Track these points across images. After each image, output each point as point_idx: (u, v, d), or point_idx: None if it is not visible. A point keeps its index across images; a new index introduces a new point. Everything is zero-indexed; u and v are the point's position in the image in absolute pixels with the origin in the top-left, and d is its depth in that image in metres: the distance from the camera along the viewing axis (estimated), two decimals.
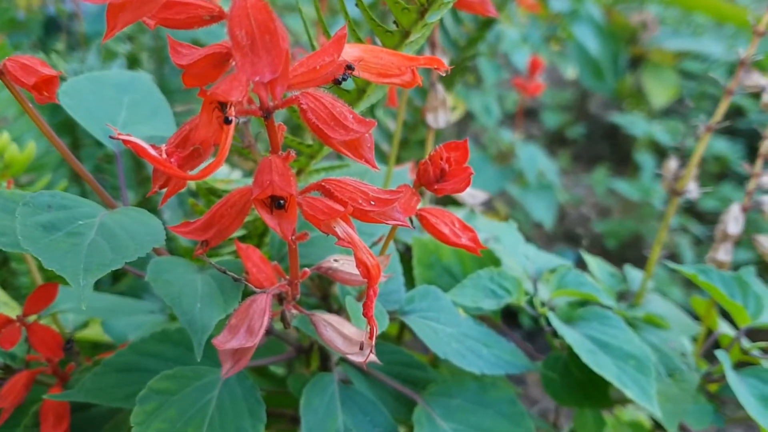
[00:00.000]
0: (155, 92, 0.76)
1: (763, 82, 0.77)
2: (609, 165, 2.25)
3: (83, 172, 0.61)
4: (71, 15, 2.36)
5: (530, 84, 1.75)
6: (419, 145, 1.46)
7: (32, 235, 0.51)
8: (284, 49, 0.37)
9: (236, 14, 0.37)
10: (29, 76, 0.55)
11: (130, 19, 0.39)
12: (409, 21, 0.59)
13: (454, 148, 0.56)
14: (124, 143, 0.41)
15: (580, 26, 2.14)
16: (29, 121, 1.29)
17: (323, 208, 0.47)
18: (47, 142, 1.30)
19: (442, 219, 0.57)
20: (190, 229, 0.51)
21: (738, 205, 0.81)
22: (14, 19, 2.32)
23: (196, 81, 0.46)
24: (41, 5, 2.52)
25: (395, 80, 0.51)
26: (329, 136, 0.44)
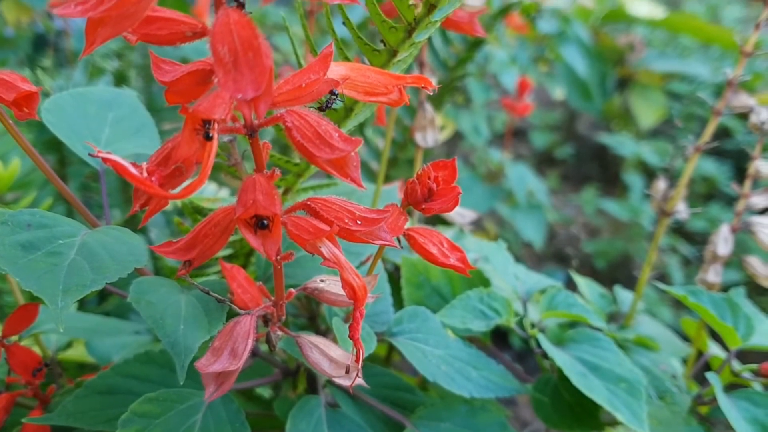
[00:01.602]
0: (140, 109, 0.75)
1: (750, 102, 0.77)
2: (598, 185, 2.26)
3: (65, 190, 0.60)
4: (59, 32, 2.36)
5: (519, 104, 1.76)
6: (408, 164, 1.45)
7: (10, 255, 0.50)
8: (268, 66, 0.36)
9: (219, 30, 0.37)
10: (8, 91, 0.54)
11: (110, 35, 0.38)
12: (397, 40, 0.59)
13: (442, 167, 0.55)
14: (104, 161, 0.40)
15: (568, 48, 2.15)
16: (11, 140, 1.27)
17: (308, 227, 0.47)
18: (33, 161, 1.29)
19: (430, 239, 0.56)
20: (173, 249, 0.50)
21: (727, 226, 0.80)
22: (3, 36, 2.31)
23: (179, 98, 0.45)
24: (30, 22, 2.51)
25: (382, 99, 0.50)
26: (314, 154, 0.43)
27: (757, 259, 0.79)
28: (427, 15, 0.56)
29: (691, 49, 2.63)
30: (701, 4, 3.12)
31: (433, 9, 0.55)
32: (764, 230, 0.76)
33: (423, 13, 0.56)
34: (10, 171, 1.06)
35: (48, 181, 1.32)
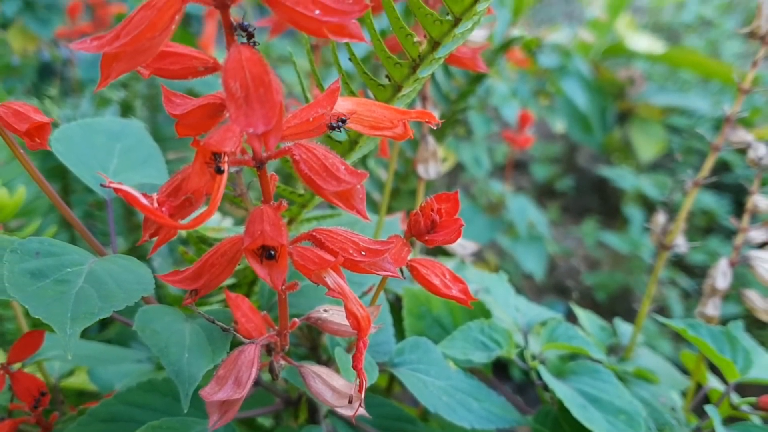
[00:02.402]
0: (147, 140, 0.76)
1: (748, 138, 0.79)
2: (598, 218, 2.27)
3: (73, 219, 0.61)
4: (66, 61, 2.39)
5: (520, 137, 1.77)
6: (410, 195, 1.46)
7: (19, 282, 0.51)
8: (278, 102, 0.37)
9: (231, 66, 0.38)
10: (21, 122, 0.55)
11: (125, 69, 0.40)
12: (402, 76, 0.60)
13: (445, 200, 0.56)
14: (115, 191, 0.41)
15: (568, 81, 2.18)
16: (19, 166, 1.28)
17: (314, 258, 0.47)
18: (37, 188, 1.30)
19: (432, 270, 0.57)
20: (179, 278, 0.51)
21: (726, 260, 0.81)
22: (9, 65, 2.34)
23: (189, 131, 0.47)
24: (36, 51, 2.54)
25: (387, 133, 0.51)
26: (321, 187, 0.44)
27: (756, 293, 0.79)
28: (432, 52, 0.57)
29: (690, 83, 2.65)
30: (701, 39, 3.15)
31: (437, 46, 0.57)
32: (763, 264, 0.77)
33: (427, 50, 0.58)
34: (16, 199, 1.07)
35: (51, 208, 1.34)
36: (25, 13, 2.43)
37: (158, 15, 0.38)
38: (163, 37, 0.39)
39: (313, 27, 0.39)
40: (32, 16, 2.44)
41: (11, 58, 2.19)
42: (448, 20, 0.55)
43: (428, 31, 0.56)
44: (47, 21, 2.48)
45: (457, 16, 0.55)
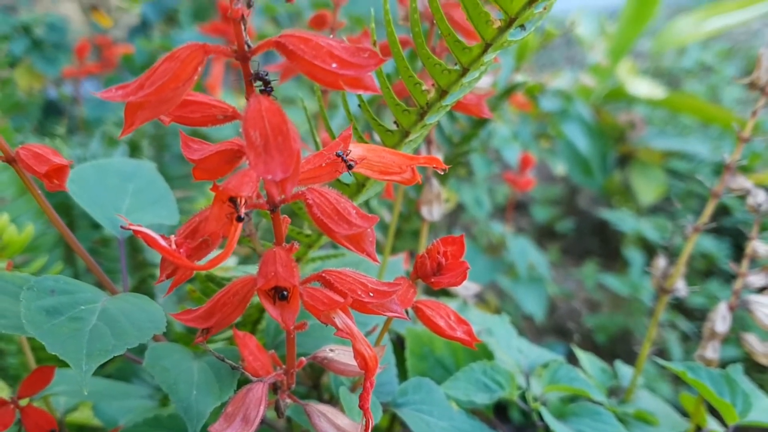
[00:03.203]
0: (159, 180, 0.78)
1: (747, 185, 0.80)
2: (598, 260, 2.28)
3: (89, 260, 0.62)
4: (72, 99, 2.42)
5: (521, 179, 1.80)
6: (413, 235, 1.48)
7: (36, 320, 0.52)
8: (296, 150, 0.39)
9: (251, 116, 0.40)
10: (41, 164, 0.57)
11: (148, 117, 0.41)
12: (410, 122, 0.62)
13: (450, 243, 0.58)
14: (135, 233, 0.43)
15: (569, 125, 2.21)
16: (26, 202, 1.30)
17: (323, 298, 0.49)
18: (43, 224, 1.32)
19: (437, 311, 0.58)
20: (192, 316, 0.52)
21: (725, 304, 0.82)
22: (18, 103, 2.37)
23: (206, 175, 0.48)
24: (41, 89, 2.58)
25: (396, 178, 0.53)
26: (333, 230, 0.46)
27: (755, 337, 0.80)
28: (439, 100, 0.59)
29: (691, 127, 2.68)
30: (701, 84, 3.20)
31: (444, 95, 0.59)
32: (761, 309, 0.78)
33: (435, 98, 0.60)
34: (24, 235, 1.09)
35: (56, 244, 1.35)
36: (33, 52, 2.47)
37: (181, 67, 0.40)
38: (186, 87, 0.40)
39: (330, 79, 0.40)
40: (39, 55, 2.48)
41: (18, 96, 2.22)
42: (455, 70, 0.57)
43: (436, 80, 0.58)
44: (54, 60, 2.52)
45: (464, 66, 0.57)
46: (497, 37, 0.53)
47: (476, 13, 0.52)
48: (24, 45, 2.43)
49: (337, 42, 0.41)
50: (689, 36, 2.87)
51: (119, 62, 2.41)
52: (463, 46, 0.55)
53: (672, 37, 2.92)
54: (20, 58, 2.42)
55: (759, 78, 0.75)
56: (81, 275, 1.35)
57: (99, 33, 2.84)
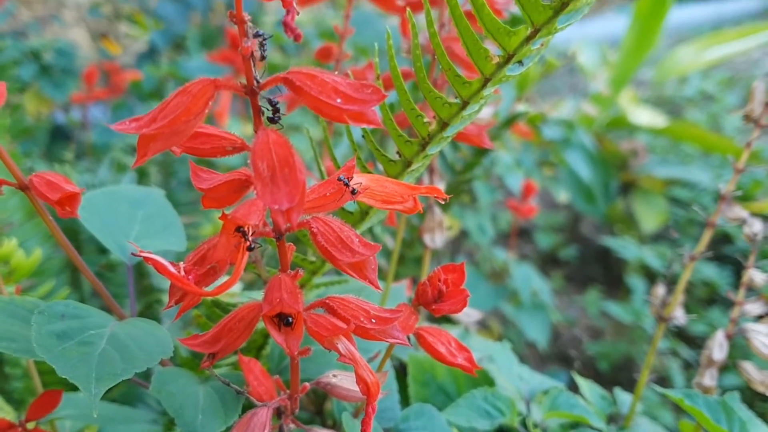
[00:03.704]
0: (167, 207, 0.79)
1: (743, 214, 0.82)
2: (601, 287, 2.28)
3: (98, 285, 0.64)
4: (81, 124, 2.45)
5: (524, 206, 1.81)
6: (416, 262, 1.49)
7: (46, 343, 0.53)
8: (302, 181, 0.40)
9: (259, 148, 0.41)
10: (54, 192, 0.59)
11: (160, 149, 0.43)
12: (411, 152, 0.64)
13: (451, 270, 0.59)
14: (145, 260, 0.44)
15: (571, 153, 2.23)
16: (34, 227, 1.32)
17: (327, 325, 0.50)
18: (50, 248, 1.33)
19: (439, 338, 0.60)
20: (199, 342, 0.54)
21: (722, 332, 0.83)
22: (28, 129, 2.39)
23: (214, 203, 0.50)
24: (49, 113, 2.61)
25: (398, 207, 0.55)
26: (337, 258, 0.47)
27: (752, 365, 0.81)
28: (440, 132, 0.61)
29: (692, 156, 2.70)
30: (702, 113, 3.22)
31: (445, 126, 0.61)
32: (758, 337, 0.79)
33: (436, 130, 0.61)
34: (32, 260, 1.10)
35: (62, 269, 1.37)
36: (41, 77, 2.50)
37: (193, 101, 0.42)
38: (197, 120, 0.42)
39: (335, 114, 0.42)
40: (48, 80, 2.50)
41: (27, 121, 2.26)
42: (456, 103, 0.59)
43: (437, 112, 0.60)
44: (62, 85, 2.55)
45: (465, 100, 0.59)
46: (496, 72, 0.55)
47: (476, 49, 0.54)
48: (33, 70, 2.46)
49: (342, 78, 0.43)
50: (690, 65, 2.90)
51: (127, 88, 2.44)
52: (463, 81, 0.57)
53: (673, 66, 2.95)
54: (29, 83, 2.45)
55: (753, 110, 0.77)
56: (87, 299, 1.37)
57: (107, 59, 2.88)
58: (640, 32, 2.73)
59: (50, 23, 3.19)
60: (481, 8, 0.52)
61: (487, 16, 0.52)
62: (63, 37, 3.21)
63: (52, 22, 3.19)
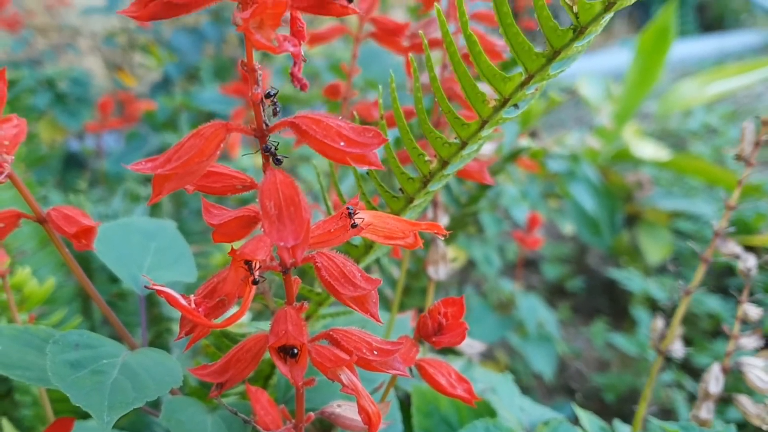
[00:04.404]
0: (179, 239, 0.82)
1: (737, 250, 0.84)
2: (607, 318, 2.29)
3: (112, 316, 0.66)
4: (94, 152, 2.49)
5: (529, 238, 1.83)
6: (421, 292, 1.51)
7: (60, 372, 0.56)
8: (306, 220, 0.43)
9: (267, 188, 0.44)
10: (71, 225, 0.61)
11: (174, 188, 0.46)
12: (414, 189, 0.66)
13: (451, 304, 0.61)
14: (158, 293, 0.47)
15: (576, 186, 2.25)
16: (46, 256, 1.35)
17: (330, 356, 0.52)
18: (61, 277, 1.36)
19: (439, 370, 0.62)
20: (208, 372, 0.56)
21: (718, 366, 0.85)
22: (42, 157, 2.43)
23: (224, 238, 0.52)
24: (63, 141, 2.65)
25: (400, 242, 0.57)
26: (339, 292, 0.50)
27: (747, 399, 0.83)
28: (441, 170, 0.64)
29: (697, 188, 2.72)
30: (706, 146, 3.25)
31: (446, 165, 0.63)
32: (753, 371, 0.81)
33: (437, 168, 0.64)
34: (45, 288, 1.13)
35: (73, 297, 1.40)
36: (56, 105, 2.54)
37: (206, 143, 0.45)
38: (210, 161, 0.45)
39: (339, 156, 0.45)
40: (62, 108, 2.54)
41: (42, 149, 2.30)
42: (455, 143, 0.62)
43: (438, 151, 0.63)
44: (77, 113, 2.59)
45: (463, 140, 0.61)
46: (493, 114, 0.58)
47: (473, 93, 0.57)
48: (48, 98, 2.50)
49: (345, 123, 0.46)
50: (693, 99, 2.94)
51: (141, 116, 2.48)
52: (462, 123, 0.59)
53: (677, 100, 2.98)
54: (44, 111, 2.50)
55: (743, 150, 0.80)
56: (98, 327, 1.39)
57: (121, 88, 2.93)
58: (643, 67, 2.76)
59: (65, 51, 3.25)
60: (478, 56, 0.55)
61: (484, 63, 0.55)
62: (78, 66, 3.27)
63: (67, 50, 3.25)
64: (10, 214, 0.62)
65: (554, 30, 0.52)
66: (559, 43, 0.53)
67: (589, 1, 0.50)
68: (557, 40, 0.52)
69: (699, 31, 7.43)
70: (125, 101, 2.52)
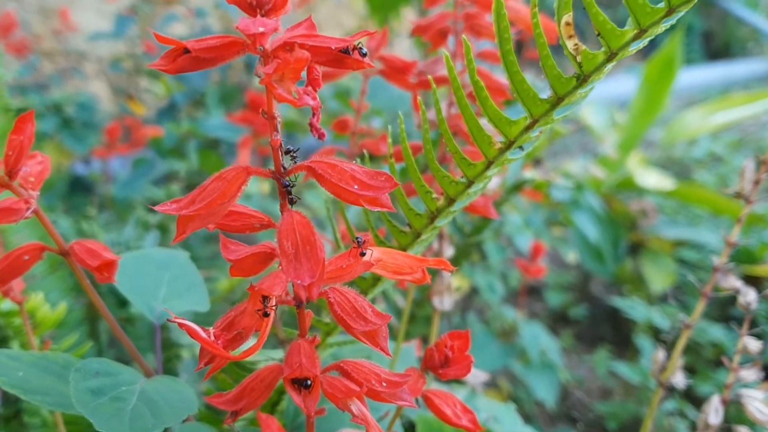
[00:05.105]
0: (191, 269, 0.85)
1: (737, 284, 0.86)
2: (610, 347, 2.30)
3: (129, 344, 0.69)
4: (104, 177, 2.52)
5: (533, 267, 1.86)
6: (425, 320, 1.53)
7: (83, 399, 0.58)
8: (321, 259, 0.46)
9: (285, 228, 0.47)
10: (94, 259, 0.64)
11: (197, 227, 0.48)
12: (421, 224, 0.69)
13: (457, 337, 0.63)
14: (179, 326, 0.49)
15: (580, 215, 2.27)
16: (56, 280, 1.38)
17: (342, 387, 0.55)
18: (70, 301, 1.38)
19: (445, 401, 0.64)
20: (223, 400, 0.58)
21: (718, 398, 0.87)
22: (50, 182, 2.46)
23: (241, 273, 0.55)
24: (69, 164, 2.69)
25: (408, 278, 0.60)
26: (351, 326, 0.52)
27: (748, 430, 0.84)
28: (448, 207, 0.66)
29: (701, 216, 2.74)
30: (711, 174, 3.27)
31: (452, 202, 0.66)
32: (753, 403, 0.83)
33: (444, 205, 0.67)
34: (57, 313, 1.15)
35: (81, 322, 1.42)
36: (63, 129, 2.57)
37: (228, 186, 0.47)
38: (231, 202, 0.48)
39: (353, 198, 0.48)
40: (69, 132, 2.58)
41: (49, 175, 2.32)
42: (462, 182, 0.64)
43: (445, 189, 0.66)
44: (83, 138, 2.63)
45: (470, 179, 0.64)
46: (499, 156, 0.60)
47: (480, 136, 0.60)
48: (55, 123, 2.53)
49: (359, 167, 0.49)
50: (698, 129, 2.97)
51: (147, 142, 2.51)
52: (469, 163, 0.62)
53: (682, 129, 3.01)
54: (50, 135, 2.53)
55: (743, 188, 0.82)
56: (104, 350, 1.42)
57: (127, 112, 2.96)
58: (649, 95, 2.80)
59: (71, 76, 3.30)
60: (485, 101, 0.57)
61: (491, 108, 0.58)
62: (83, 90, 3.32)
63: (73, 75, 3.30)
64: (34, 247, 0.65)
65: (558, 78, 0.55)
66: (563, 90, 0.55)
67: (593, 52, 0.53)
68: (561, 88, 0.55)
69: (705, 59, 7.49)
70: (132, 127, 2.55)
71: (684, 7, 0.49)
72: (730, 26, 7.96)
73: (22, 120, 0.57)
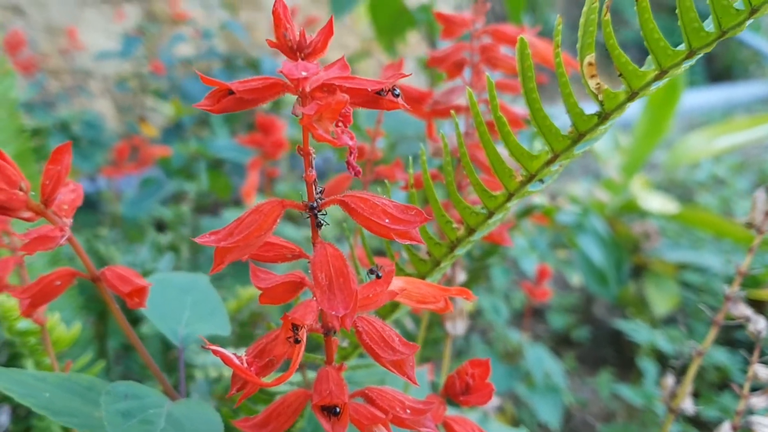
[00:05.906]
0: (212, 294, 0.86)
1: (747, 312, 0.88)
2: (613, 369, 2.31)
3: (155, 368, 0.70)
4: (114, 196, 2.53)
5: (538, 290, 1.87)
6: (434, 344, 1.54)
7: (114, 421, 0.60)
8: (354, 291, 0.47)
9: (318, 260, 0.49)
10: (125, 285, 0.66)
11: (234, 258, 0.50)
12: (441, 253, 0.71)
13: (477, 365, 0.65)
14: (214, 353, 0.51)
15: (584, 238, 2.29)
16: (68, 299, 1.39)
17: (368, 414, 0.56)
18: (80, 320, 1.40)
19: (464, 427, 0.65)
20: (250, 424, 0.60)
21: (728, 424, 0.88)
22: None
23: (270, 300, 0.57)
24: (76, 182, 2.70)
25: (431, 306, 0.61)
26: (380, 355, 0.54)
27: None
28: (468, 236, 0.68)
29: (704, 240, 2.76)
30: (714, 197, 3.30)
31: (472, 232, 0.68)
32: (763, 430, 0.84)
33: (464, 235, 0.68)
34: (73, 333, 1.17)
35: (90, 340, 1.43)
36: None
37: (264, 219, 0.49)
38: (267, 234, 0.50)
39: (384, 232, 0.49)
40: (76, 151, 2.60)
41: None
42: (483, 213, 0.66)
43: (466, 220, 0.67)
44: (90, 156, 2.65)
45: (490, 210, 0.66)
46: (519, 188, 0.62)
47: (501, 168, 0.62)
48: (61, 141, 2.55)
49: (390, 201, 0.50)
50: (701, 152, 2.99)
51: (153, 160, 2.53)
52: (490, 195, 0.64)
53: (685, 152, 3.04)
54: None
55: (754, 218, 0.84)
56: (112, 367, 1.43)
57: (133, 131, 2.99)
58: (652, 119, 2.82)
59: (77, 94, 3.33)
60: (507, 136, 0.59)
61: (512, 143, 0.60)
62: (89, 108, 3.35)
63: (79, 93, 3.33)
64: (65, 272, 0.67)
65: (580, 116, 0.57)
66: (584, 127, 0.57)
67: (614, 91, 0.55)
68: (582, 125, 0.57)
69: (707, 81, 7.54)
70: (139, 146, 2.57)
71: (705, 50, 0.51)
72: (731, 49, 8.03)
73: (59, 151, 0.59)
